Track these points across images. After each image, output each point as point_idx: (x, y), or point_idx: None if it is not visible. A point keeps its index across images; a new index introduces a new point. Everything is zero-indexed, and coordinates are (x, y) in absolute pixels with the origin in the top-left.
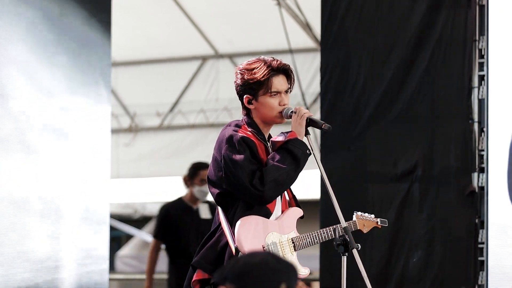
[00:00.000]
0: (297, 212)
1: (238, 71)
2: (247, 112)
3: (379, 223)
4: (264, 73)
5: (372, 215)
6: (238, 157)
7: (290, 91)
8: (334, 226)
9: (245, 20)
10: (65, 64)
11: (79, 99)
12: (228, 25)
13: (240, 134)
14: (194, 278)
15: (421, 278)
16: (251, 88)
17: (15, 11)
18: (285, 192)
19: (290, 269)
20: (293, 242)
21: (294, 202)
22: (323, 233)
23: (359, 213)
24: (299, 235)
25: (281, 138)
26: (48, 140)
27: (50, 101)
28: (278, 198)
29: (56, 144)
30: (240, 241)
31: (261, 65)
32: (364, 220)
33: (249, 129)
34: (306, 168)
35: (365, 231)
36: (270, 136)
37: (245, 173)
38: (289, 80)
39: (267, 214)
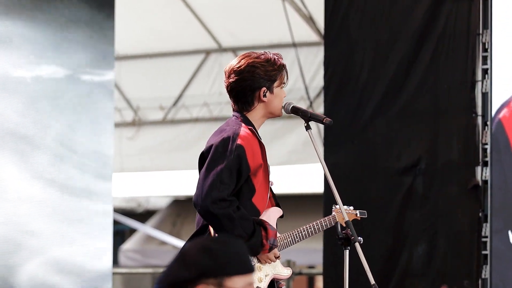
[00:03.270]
0: (277, 212)
1: (256, 63)
2: (247, 108)
3: (358, 215)
4: (279, 64)
5: (351, 207)
6: (222, 161)
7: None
8: (318, 221)
9: (249, 14)
10: (68, 57)
11: (81, 92)
12: (231, 19)
13: (239, 141)
14: None
15: (424, 272)
16: (271, 80)
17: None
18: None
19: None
20: None
21: (274, 201)
22: (307, 229)
23: (337, 206)
24: (280, 235)
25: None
26: (51, 134)
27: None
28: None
29: (60, 139)
30: None
31: (271, 57)
32: (341, 213)
33: (248, 127)
34: (308, 162)
35: (344, 224)
36: None
37: (214, 180)
38: None
39: (255, 216)
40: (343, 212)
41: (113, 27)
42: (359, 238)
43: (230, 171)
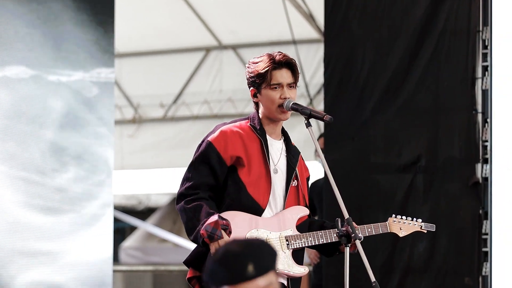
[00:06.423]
0: (300, 210)
1: (247, 65)
2: (256, 105)
3: (423, 228)
4: (265, 65)
5: (419, 220)
6: (194, 158)
7: (295, 86)
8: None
9: (249, 11)
10: (68, 55)
11: (83, 91)
12: (231, 16)
13: (209, 138)
14: (188, 276)
15: (425, 269)
16: (254, 81)
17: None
18: (299, 189)
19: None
20: (287, 240)
21: (303, 201)
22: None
23: (398, 216)
24: (297, 233)
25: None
26: (50, 131)
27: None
28: (280, 197)
29: (59, 136)
30: None
31: (264, 59)
32: (401, 224)
33: (249, 123)
34: (309, 159)
35: (401, 235)
36: (285, 132)
37: (182, 180)
38: (293, 74)
39: (257, 210)
40: (343, 209)
41: (113, 24)
42: (359, 235)
43: (194, 166)
